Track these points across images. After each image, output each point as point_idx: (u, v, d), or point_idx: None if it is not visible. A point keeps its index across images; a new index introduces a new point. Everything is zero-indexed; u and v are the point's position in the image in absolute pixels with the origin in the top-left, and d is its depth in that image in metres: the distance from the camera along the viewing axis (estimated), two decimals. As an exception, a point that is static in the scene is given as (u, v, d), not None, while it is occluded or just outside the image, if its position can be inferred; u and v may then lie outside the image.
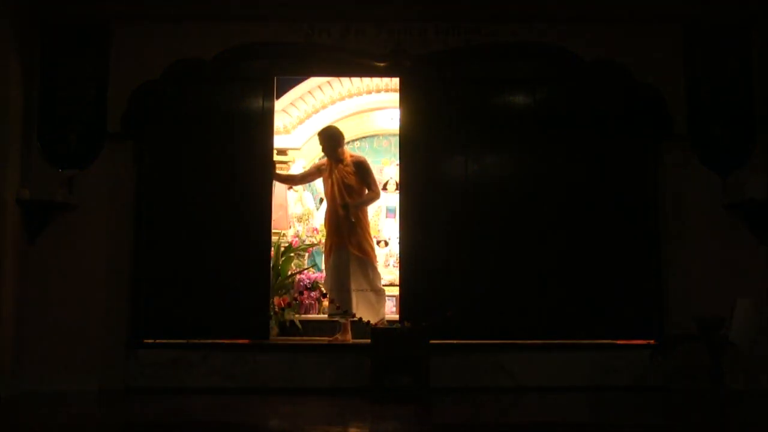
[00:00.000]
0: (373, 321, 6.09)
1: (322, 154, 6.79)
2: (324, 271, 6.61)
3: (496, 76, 6.24)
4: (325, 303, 7.94)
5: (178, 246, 5.98)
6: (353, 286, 6.18)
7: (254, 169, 6.16)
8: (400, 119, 6.31)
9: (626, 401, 5.32)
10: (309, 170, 7.03)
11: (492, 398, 5.39)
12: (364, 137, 10.11)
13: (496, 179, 6.11)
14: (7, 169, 5.54)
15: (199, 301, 5.91)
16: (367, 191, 6.38)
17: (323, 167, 6.57)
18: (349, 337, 6.20)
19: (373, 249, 6.47)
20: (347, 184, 6.31)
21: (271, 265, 7.04)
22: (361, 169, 6.38)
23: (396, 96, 6.59)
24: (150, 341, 5.95)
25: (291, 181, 7.68)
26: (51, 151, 5.87)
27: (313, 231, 9.11)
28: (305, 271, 8.01)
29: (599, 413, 4.96)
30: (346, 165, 6.38)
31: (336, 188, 6.32)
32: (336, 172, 6.36)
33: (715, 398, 5.19)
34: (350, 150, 10.42)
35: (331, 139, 6.43)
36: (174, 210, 6.04)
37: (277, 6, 5.99)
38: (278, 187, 9.60)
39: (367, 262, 6.29)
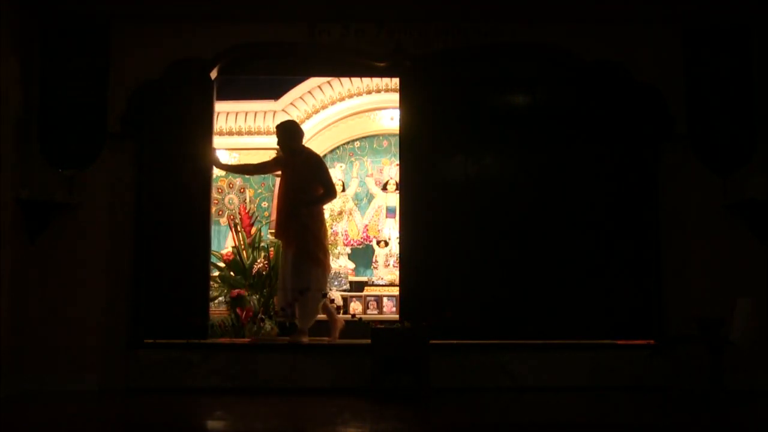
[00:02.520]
0: (300, 326, 6.03)
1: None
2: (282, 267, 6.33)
3: (496, 76, 6.24)
4: (326, 303, 7.97)
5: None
6: (290, 286, 6.04)
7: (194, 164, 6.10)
8: (400, 119, 6.32)
9: (626, 401, 5.32)
10: (267, 161, 6.72)
11: (492, 398, 5.39)
12: (364, 137, 10.12)
13: (496, 179, 6.11)
14: (7, 169, 5.54)
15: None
16: (322, 190, 6.17)
17: (281, 160, 6.43)
18: (302, 338, 6.06)
19: (326, 255, 6.24)
20: (301, 180, 6.15)
21: (271, 265, 7.06)
22: (314, 165, 6.21)
23: (396, 96, 6.59)
24: (150, 341, 5.96)
25: (244, 170, 7.72)
26: (51, 151, 5.87)
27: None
28: (305, 271, 8.00)
29: (599, 413, 4.96)
30: (302, 160, 6.23)
31: (289, 184, 6.20)
32: (292, 166, 6.22)
33: (715, 398, 5.19)
34: (349, 148, 10.46)
35: (286, 131, 6.28)
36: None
37: (277, 6, 5.99)
38: (278, 188, 9.62)
39: (311, 268, 6.04)
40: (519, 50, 6.16)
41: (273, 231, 6.38)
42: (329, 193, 6.19)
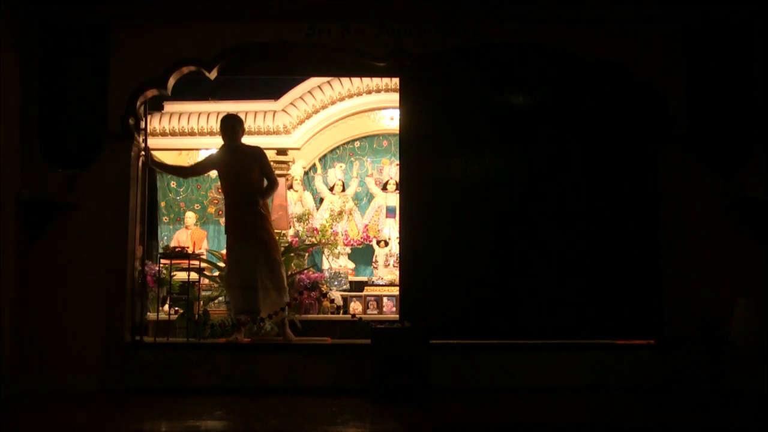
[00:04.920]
0: (270, 313, 6.00)
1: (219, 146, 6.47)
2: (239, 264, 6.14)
3: (496, 76, 6.23)
4: (326, 303, 7.97)
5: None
6: (259, 284, 6.01)
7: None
8: (400, 119, 6.31)
9: (626, 401, 5.32)
10: (203, 161, 6.72)
11: (492, 398, 5.39)
12: (364, 137, 10.14)
13: (496, 179, 6.11)
14: (6, 169, 5.54)
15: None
16: (266, 182, 6.24)
17: (217, 158, 6.36)
18: (242, 337, 6.10)
19: (277, 242, 6.36)
20: (245, 174, 6.16)
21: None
22: (258, 158, 6.22)
23: (396, 96, 6.59)
24: (150, 341, 5.95)
25: (178, 172, 7.57)
26: (51, 151, 5.86)
27: (313, 231, 9.13)
28: (305, 271, 8.02)
29: (599, 413, 4.96)
30: (244, 155, 6.23)
31: (232, 180, 6.19)
32: (233, 162, 6.21)
33: (715, 398, 5.19)
34: (349, 148, 10.47)
35: (238, 124, 6.26)
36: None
37: (277, 6, 5.99)
38: (278, 188, 9.63)
39: (272, 256, 6.12)
40: (519, 50, 6.16)
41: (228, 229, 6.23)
42: (274, 184, 6.30)
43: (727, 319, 5.24)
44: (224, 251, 8.01)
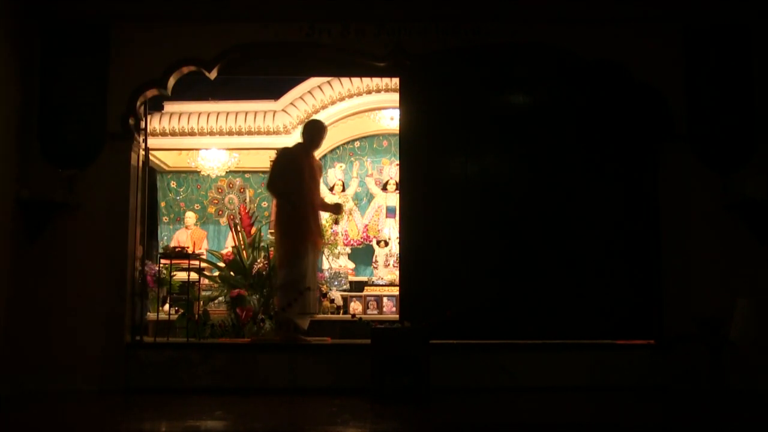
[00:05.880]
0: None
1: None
2: (308, 269, 6.08)
3: (496, 76, 6.23)
4: (326, 303, 7.98)
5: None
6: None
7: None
8: (400, 119, 6.31)
9: (626, 401, 5.32)
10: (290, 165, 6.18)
11: (492, 398, 5.39)
12: (364, 137, 10.14)
13: (496, 179, 6.11)
14: (6, 169, 5.54)
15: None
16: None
17: (303, 160, 6.18)
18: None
19: None
20: (316, 183, 6.28)
21: (271, 265, 7.06)
22: (320, 171, 6.46)
23: (396, 96, 6.59)
24: (150, 341, 5.95)
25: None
26: (51, 151, 5.86)
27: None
28: (305, 271, 8.00)
29: (599, 413, 4.96)
30: (317, 164, 6.40)
31: (314, 184, 6.25)
32: (315, 167, 6.28)
33: (715, 398, 5.19)
34: (349, 148, 10.47)
35: (323, 131, 6.37)
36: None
37: (277, 6, 5.99)
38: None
39: None
40: (519, 50, 6.16)
41: (318, 238, 6.34)
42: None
43: (727, 319, 5.24)
44: (224, 251, 8.05)
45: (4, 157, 5.52)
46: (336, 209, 6.67)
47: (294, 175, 6.05)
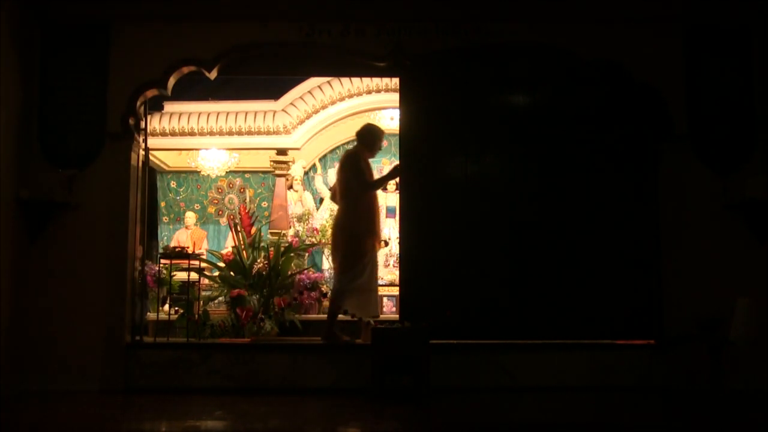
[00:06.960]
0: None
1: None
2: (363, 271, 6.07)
3: (496, 76, 6.23)
4: (326, 303, 7.96)
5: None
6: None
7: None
8: (400, 119, 6.31)
9: (626, 401, 5.32)
10: (368, 168, 6.34)
11: (492, 398, 5.39)
12: (364, 137, 10.09)
13: (496, 179, 6.10)
14: (7, 169, 5.54)
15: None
16: None
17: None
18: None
19: None
20: None
21: (271, 265, 7.07)
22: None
23: (396, 96, 6.59)
24: (150, 341, 5.95)
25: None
26: (51, 151, 5.87)
27: (313, 231, 9.13)
28: (305, 271, 8.02)
29: (599, 413, 4.96)
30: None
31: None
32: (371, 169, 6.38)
33: (715, 398, 5.19)
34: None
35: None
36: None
37: (277, 6, 5.99)
38: (278, 188, 9.65)
39: None
40: (519, 50, 6.16)
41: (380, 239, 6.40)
42: None
43: (727, 319, 5.23)
44: (224, 251, 8.05)
45: (4, 157, 5.51)
46: (394, 173, 6.32)
47: (367, 176, 6.22)
